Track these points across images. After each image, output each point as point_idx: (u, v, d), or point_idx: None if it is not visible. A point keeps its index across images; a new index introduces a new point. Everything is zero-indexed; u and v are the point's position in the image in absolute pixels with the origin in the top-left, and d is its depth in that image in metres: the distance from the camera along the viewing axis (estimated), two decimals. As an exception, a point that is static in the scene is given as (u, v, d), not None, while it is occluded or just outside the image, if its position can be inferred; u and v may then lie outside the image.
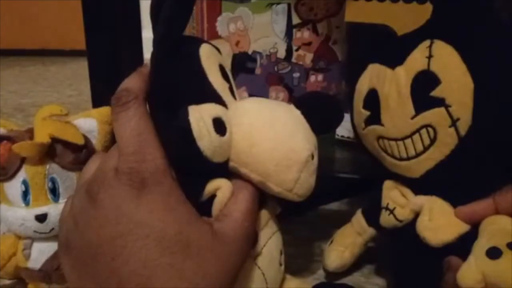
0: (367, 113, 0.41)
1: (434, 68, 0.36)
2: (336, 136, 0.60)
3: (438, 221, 0.37)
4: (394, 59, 0.38)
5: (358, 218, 0.47)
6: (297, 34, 0.55)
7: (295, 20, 0.55)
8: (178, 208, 0.28)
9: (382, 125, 0.39)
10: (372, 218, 0.45)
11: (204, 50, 0.33)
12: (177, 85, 0.32)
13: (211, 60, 0.33)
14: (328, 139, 0.59)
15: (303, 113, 0.35)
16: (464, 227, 0.36)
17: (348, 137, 0.58)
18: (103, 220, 0.28)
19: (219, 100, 0.32)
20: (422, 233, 0.37)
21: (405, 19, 0.38)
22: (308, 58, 0.57)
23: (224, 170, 0.32)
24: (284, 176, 0.32)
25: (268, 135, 0.32)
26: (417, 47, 0.37)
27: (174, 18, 0.31)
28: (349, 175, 0.55)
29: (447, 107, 0.36)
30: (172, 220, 0.28)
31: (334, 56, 0.57)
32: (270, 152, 0.32)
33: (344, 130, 0.58)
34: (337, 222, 0.50)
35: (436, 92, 0.36)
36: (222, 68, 0.34)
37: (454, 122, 0.36)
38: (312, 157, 0.33)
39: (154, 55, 0.32)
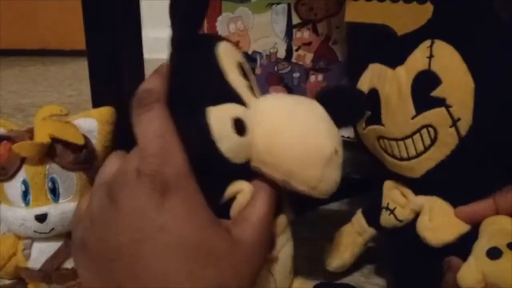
0: (368, 113, 0.40)
1: (435, 68, 0.36)
2: (336, 136, 0.59)
3: (438, 221, 0.37)
4: (394, 59, 0.38)
5: (358, 218, 0.47)
6: (297, 34, 0.55)
7: (295, 20, 0.55)
8: (200, 214, 0.28)
9: (383, 125, 0.39)
10: (372, 218, 0.45)
11: (222, 49, 0.32)
12: (195, 86, 0.31)
13: (229, 59, 0.32)
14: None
15: (325, 107, 0.34)
16: (464, 227, 0.36)
17: (348, 137, 0.58)
18: (123, 223, 0.27)
19: (239, 100, 0.31)
20: (422, 233, 0.37)
21: (405, 19, 0.38)
22: (308, 58, 0.57)
23: (246, 170, 0.31)
24: (308, 174, 0.31)
25: (289, 133, 0.31)
26: (418, 47, 0.37)
27: (190, 15, 0.30)
28: (349, 175, 0.55)
29: (447, 107, 0.36)
30: (194, 227, 0.27)
31: (334, 56, 0.57)
32: (292, 150, 0.31)
33: (344, 130, 0.58)
34: (337, 222, 0.49)
35: (436, 92, 0.36)
36: (240, 66, 0.33)
37: (454, 122, 0.36)
38: (336, 152, 0.33)
39: (171, 55, 0.31)
